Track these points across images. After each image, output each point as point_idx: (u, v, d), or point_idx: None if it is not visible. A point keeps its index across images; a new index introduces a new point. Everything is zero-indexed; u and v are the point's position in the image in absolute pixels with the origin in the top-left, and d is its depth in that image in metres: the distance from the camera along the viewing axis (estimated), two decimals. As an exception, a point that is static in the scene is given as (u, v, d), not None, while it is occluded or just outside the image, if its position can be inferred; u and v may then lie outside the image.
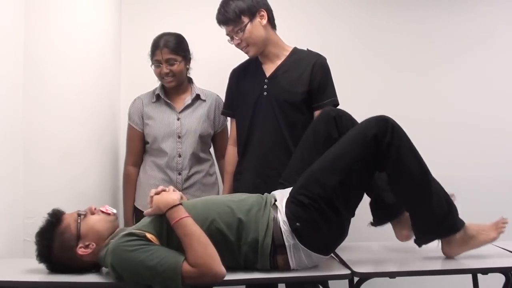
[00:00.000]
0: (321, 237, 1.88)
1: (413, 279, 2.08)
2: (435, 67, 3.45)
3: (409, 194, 1.98)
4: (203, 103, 2.85)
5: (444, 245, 2.07)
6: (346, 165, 1.91)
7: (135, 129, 2.84)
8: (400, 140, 1.91)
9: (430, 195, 1.94)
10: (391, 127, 1.90)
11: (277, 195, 2.01)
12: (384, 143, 1.87)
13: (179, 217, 1.77)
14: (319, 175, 1.93)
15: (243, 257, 1.85)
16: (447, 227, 2.01)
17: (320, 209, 1.86)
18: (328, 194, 1.87)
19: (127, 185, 2.89)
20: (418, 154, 1.96)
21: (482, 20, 3.47)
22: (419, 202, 1.97)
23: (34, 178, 2.08)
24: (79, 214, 1.85)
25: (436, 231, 2.02)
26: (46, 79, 2.19)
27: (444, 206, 1.98)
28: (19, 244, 2.01)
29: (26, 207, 2.04)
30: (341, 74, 2.71)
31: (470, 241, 2.04)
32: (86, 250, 1.82)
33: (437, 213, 1.97)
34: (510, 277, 2.12)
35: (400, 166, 1.92)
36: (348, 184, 1.90)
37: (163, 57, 2.71)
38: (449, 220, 1.99)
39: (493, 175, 3.27)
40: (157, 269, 1.67)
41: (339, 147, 1.98)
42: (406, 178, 1.94)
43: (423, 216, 2.00)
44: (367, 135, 1.90)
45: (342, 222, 1.94)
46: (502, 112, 3.46)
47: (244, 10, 2.50)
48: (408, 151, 1.93)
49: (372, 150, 1.89)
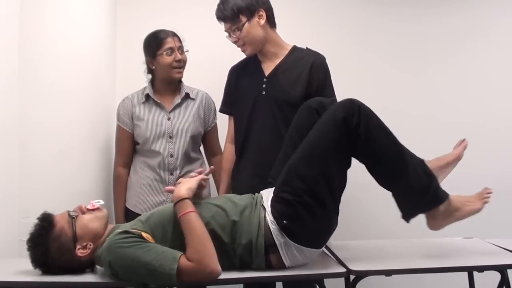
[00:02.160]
0: (309, 231, 1.88)
1: (409, 276, 2.08)
2: (432, 65, 3.45)
3: (385, 172, 1.96)
4: (193, 102, 2.82)
5: (429, 219, 2.04)
6: (322, 154, 1.90)
7: (125, 130, 2.81)
8: (368, 119, 1.89)
9: (406, 170, 1.92)
10: (357, 108, 1.88)
11: (264, 194, 2.01)
12: (353, 125, 1.86)
13: (184, 211, 1.79)
14: (297, 169, 1.92)
15: (238, 258, 1.85)
16: (429, 200, 1.97)
17: (304, 203, 1.86)
18: (310, 186, 1.87)
19: (117, 186, 2.86)
20: (388, 131, 1.94)
21: (479, 18, 3.48)
22: (396, 178, 1.95)
23: (29, 177, 2.07)
24: (70, 216, 1.83)
25: (419, 205, 1.99)
26: (41, 78, 2.18)
27: (423, 179, 1.95)
28: (15, 244, 2.00)
29: (22, 206, 2.03)
30: (340, 73, 2.71)
31: (455, 213, 2.01)
32: (85, 251, 1.82)
33: (417, 187, 1.94)
34: (506, 274, 2.13)
35: (371, 145, 1.90)
36: (327, 172, 1.88)
37: (176, 44, 2.70)
38: (431, 192, 1.96)
39: (490, 173, 3.27)
40: (153, 265, 1.66)
41: (312, 138, 1.96)
42: (379, 157, 1.93)
43: (403, 192, 1.97)
44: (336, 120, 1.88)
45: (329, 212, 1.92)
46: (500, 110, 3.46)
47: (243, 9, 2.48)
48: (377, 129, 1.91)
49: (344, 133, 1.88)
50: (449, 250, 2.21)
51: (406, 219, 2.01)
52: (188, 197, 1.83)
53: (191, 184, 1.90)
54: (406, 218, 2.01)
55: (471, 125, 3.42)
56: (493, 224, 3.10)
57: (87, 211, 1.88)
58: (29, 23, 2.08)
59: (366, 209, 2.24)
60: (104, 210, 1.92)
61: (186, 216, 1.78)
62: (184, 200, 1.82)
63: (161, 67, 2.73)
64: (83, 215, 1.86)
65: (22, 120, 2.03)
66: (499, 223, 3.16)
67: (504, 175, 3.33)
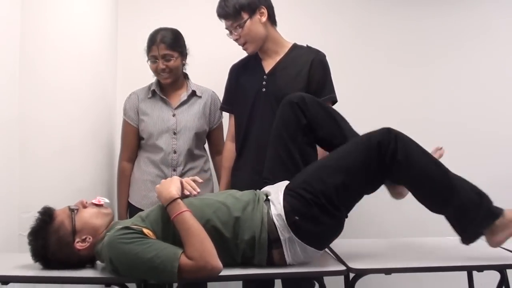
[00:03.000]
0: (318, 232, 1.89)
1: (408, 275, 2.09)
2: (434, 64, 3.46)
3: (433, 196, 1.97)
4: (199, 99, 2.84)
5: (488, 237, 2.00)
6: (349, 167, 1.92)
7: (130, 124, 2.83)
8: (406, 145, 1.91)
9: (455, 191, 1.92)
10: (394, 136, 1.91)
11: (270, 190, 2.00)
12: (389, 150, 1.88)
13: (177, 212, 1.77)
14: (322, 173, 1.94)
15: (240, 254, 1.84)
16: (484, 217, 1.95)
17: (320, 205, 1.87)
18: (330, 192, 1.88)
19: (121, 180, 2.88)
20: (429, 155, 1.96)
21: (482, 16, 3.48)
22: (447, 201, 1.94)
23: (30, 173, 2.08)
24: (71, 209, 1.84)
25: (475, 225, 1.96)
26: (42, 75, 2.18)
27: (473, 198, 1.94)
28: (15, 238, 2.00)
29: (22, 201, 2.03)
30: (340, 71, 2.71)
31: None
32: (84, 244, 1.81)
33: (469, 207, 1.93)
34: (505, 274, 2.13)
35: (414, 170, 1.91)
36: (349, 186, 1.91)
37: (160, 52, 2.70)
38: (483, 209, 1.95)
39: (489, 173, 3.28)
40: (154, 261, 1.66)
41: (344, 151, 1.99)
42: (425, 181, 1.93)
43: (456, 214, 1.96)
44: (371, 142, 1.91)
45: (340, 218, 1.95)
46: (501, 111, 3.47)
47: (244, 6, 2.49)
48: (417, 153, 1.93)
49: (376, 157, 1.89)
50: (449, 249, 2.20)
51: (465, 242, 2.00)
52: (179, 197, 1.82)
53: (176, 183, 1.89)
54: (465, 241, 2.00)
55: (472, 124, 3.43)
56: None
57: (90, 205, 1.88)
58: (31, 21, 2.08)
59: (367, 208, 2.23)
60: (109, 209, 1.92)
61: (181, 216, 1.77)
62: (176, 200, 1.81)
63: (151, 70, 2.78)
64: (84, 209, 1.86)
65: (23, 117, 2.03)
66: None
67: (503, 174, 3.33)
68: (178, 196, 1.82)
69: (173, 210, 1.79)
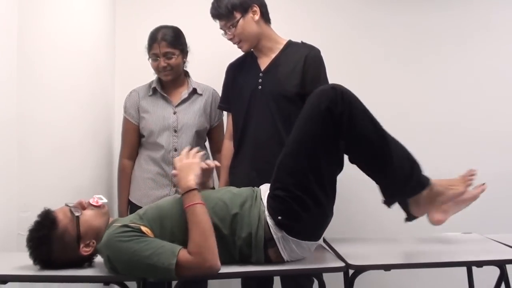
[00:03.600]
0: (305, 224, 1.87)
1: (408, 271, 2.09)
2: (433, 61, 3.44)
3: (369, 159, 1.94)
4: (200, 97, 2.84)
5: (412, 205, 2.00)
6: (308, 147, 1.87)
7: (131, 122, 2.83)
8: (351, 106, 1.85)
9: (389, 155, 1.89)
10: (340, 94, 1.84)
11: (262, 189, 2.00)
12: (337, 114, 1.83)
13: (191, 203, 1.78)
14: (285, 164, 1.91)
15: (238, 251, 1.84)
16: (412, 186, 1.95)
17: (296, 197, 1.84)
18: (299, 180, 1.85)
19: (122, 178, 2.88)
20: (372, 117, 1.90)
21: (482, 13, 3.47)
22: (380, 165, 1.92)
23: (28, 172, 2.07)
24: (72, 212, 1.81)
25: (402, 192, 1.97)
26: (40, 73, 2.18)
27: (405, 165, 1.92)
28: (13, 238, 1.99)
29: (21, 201, 2.02)
30: (337, 67, 2.70)
31: (439, 197, 1.98)
32: (88, 249, 1.81)
33: (400, 174, 1.92)
34: (505, 270, 2.13)
35: (354, 132, 1.87)
36: (315, 164, 1.86)
37: (161, 50, 2.70)
38: (413, 179, 1.94)
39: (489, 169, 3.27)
40: (151, 259, 1.66)
41: (297, 130, 1.93)
42: (363, 144, 1.90)
43: (386, 179, 1.95)
44: (320, 110, 1.84)
45: (322, 203, 1.90)
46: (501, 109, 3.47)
47: (236, 5, 2.50)
48: (360, 116, 1.87)
49: (330, 123, 1.84)
50: (448, 245, 2.21)
51: (387, 204, 1.99)
52: (196, 188, 1.83)
53: (195, 171, 1.89)
54: (387, 204, 1.99)
55: (472, 122, 3.42)
56: (492, 219, 3.11)
57: (89, 206, 1.86)
58: (28, 20, 2.07)
59: (365, 204, 2.24)
60: (106, 207, 1.91)
61: (193, 207, 1.77)
62: (193, 191, 1.81)
63: (152, 68, 2.78)
64: (84, 212, 1.84)
65: (21, 116, 2.02)
66: (498, 219, 3.16)
67: (503, 170, 3.33)
68: (196, 187, 1.82)
69: (187, 200, 1.79)
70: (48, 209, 1.81)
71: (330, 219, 1.97)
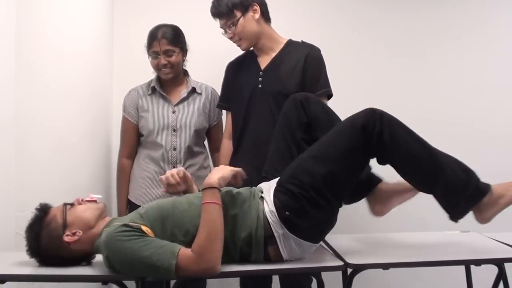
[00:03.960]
0: (310, 226, 1.88)
1: (406, 270, 2.08)
2: (431, 59, 3.46)
3: (420, 176, 1.95)
4: (199, 96, 2.84)
5: (476, 213, 2.00)
6: (335, 155, 1.89)
7: (129, 121, 2.83)
8: (391, 126, 1.88)
9: (441, 169, 1.90)
10: (379, 116, 1.87)
11: (263, 186, 2.00)
12: (374, 134, 1.85)
13: (208, 200, 1.78)
14: (308, 164, 1.91)
15: (238, 252, 1.84)
16: (472, 195, 1.95)
17: (310, 198, 1.85)
18: (318, 182, 1.86)
19: (121, 177, 2.87)
20: (415, 134, 1.92)
21: (478, 12, 3.48)
22: (434, 180, 1.93)
23: (26, 171, 2.07)
24: (65, 204, 1.85)
25: (463, 203, 1.96)
26: (38, 72, 2.18)
27: (461, 176, 1.93)
28: (11, 237, 1.99)
29: (18, 200, 2.02)
30: (337, 66, 2.71)
31: (500, 200, 1.98)
32: (73, 238, 1.80)
33: (456, 184, 1.93)
34: (503, 268, 2.13)
35: (400, 151, 1.89)
36: (337, 174, 1.88)
37: (161, 48, 2.70)
38: (471, 187, 1.94)
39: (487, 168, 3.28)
40: (151, 259, 1.66)
41: (328, 138, 1.95)
42: (411, 161, 1.91)
43: (444, 192, 1.95)
44: (355, 126, 1.88)
45: (332, 209, 1.93)
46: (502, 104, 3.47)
47: (237, 4, 2.51)
48: (402, 133, 1.90)
49: (361, 141, 1.87)
50: (447, 244, 2.20)
51: (454, 219, 1.99)
52: (218, 187, 1.82)
53: (225, 173, 1.90)
54: (453, 219, 1.99)
55: (472, 121, 3.43)
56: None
57: (83, 202, 1.89)
58: (26, 19, 2.06)
59: (364, 203, 2.24)
60: (101, 204, 1.91)
61: (209, 206, 1.77)
62: (213, 189, 1.81)
63: (152, 67, 2.78)
64: (78, 205, 1.87)
65: (19, 115, 2.02)
66: (496, 217, 3.16)
67: (501, 169, 3.32)
68: (218, 186, 1.82)
69: (205, 197, 1.79)
70: (46, 203, 1.86)
71: (334, 224, 1.98)
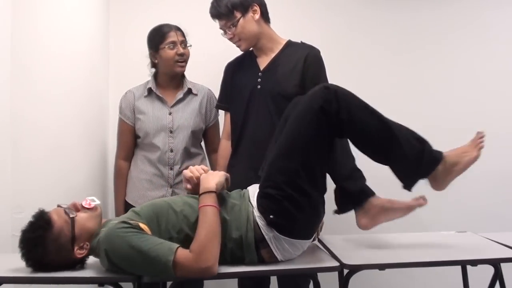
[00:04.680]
0: (297, 223, 1.87)
1: (402, 271, 2.09)
2: (429, 58, 3.45)
3: (376, 148, 1.95)
4: (195, 97, 2.84)
5: (431, 182, 2.01)
6: (302, 146, 1.88)
7: (126, 123, 2.82)
8: (347, 103, 1.87)
9: (396, 141, 1.91)
10: (334, 93, 1.86)
11: (250, 190, 2.00)
12: (333, 113, 1.84)
13: (206, 203, 1.80)
14: (277, 163, 1.91)
15: (229, 254, 1.84)
16: (426, 165, 1.96)
17: (288, 196, 1.85)
18: (291, 178, 1.85)
19: (118, 179, 2.87)
20: (369, 107, 1.92)
21: (475, 11, 3.48)
22: (389, 151, 1.93)
23: (22, 173, 2.06)
24: (67, 213, 1.80)
25: (418, 172, 1.97)
26: (34, 75, 2.17)
27: (415, 145, 1.93)
28: (7, 239, 1.99)
29: (15, 202, 2.02)
30: (336, 67, 2.71)
31: (455, 168, 1.98)
32: (82, 252, 1.80)
33: (411, 154, 1.93)
34: (499, 268, 2.13)
35: (356, 126, 1.89)
36: (309, 164, 1.87)
37: (179, 38, 2.71)
38: (426, 156, 1.95)
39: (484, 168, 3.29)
40: (149, 255, 1.66)
41: (290, 129, 1.94)
42: (367, 135, 1.92)
43: (399, 163, 1.96)
44: (314, 109, 1.86)
45: (314, 201, 1.91)
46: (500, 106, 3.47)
47: (237, 5, 2.50)
48: (358, 109, 1.89)
49: (323, 123, 1.86)
50: (443, 244, 2.21)
51: (407, 188, 1.99)
52: (215, 191, 1.84)
53: (220, 179, 1.91)
54: (407, 188, 1.99)
55: (470, 120, 3.42)
56: (486, 218, 3.12)
57: (82, 209, 1.85)
58: (22, 21, 2.06)
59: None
60: (99, 209, 1.90)
61: (206, 208, 1.79)
62: (211, 193, 1.83)
63: (164, 61, 2.74)
64: (78, 214, 1.82)
65: (15, 116, 2.02)
66: (492, 217, 3.17)
67: (497, 169, 3.34)
68: (215, 190, 1.84)
69: (203, 200, 1.81)
70: (43, 210, 1.80)
71: (323, 216, 1.98)
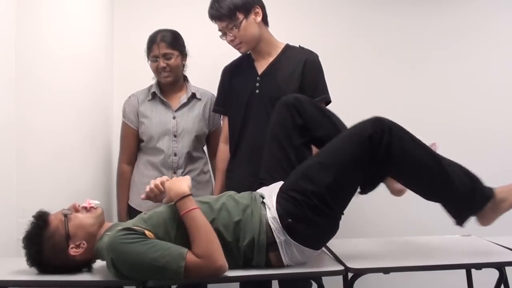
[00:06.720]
0: (312, 233, 1.88)
1: (407, 274, 2.08)
2: (428, 64, 3.46)
3: (429, 185, 1.96)
4: (199, 102, 2.85)
5: (478, 217, 2.02)
6: (340, 164, 1.89)
7: (130, 127, 2.83)
8: (400, 137, 1.88)
9: (448, 178, 1.91)
10: (387, 127, 1.87)
11: (264, 191, 1.99)
12: (382, 145, 1.85)
13: (188, 209, 1.77)
14: (312, 172, 1.91)
15: (242, 257, 1.84)
16: (477, 201, 1.97)
17: (312, 205, 1.85)
18: (321, 191, 1.86)
19: (121, 183, 2.87)
20: (422, 143, 1.93)
21: (475, 15, 3.48)
22: (442, 189, 1.95)
23: (27, 177, 2.07)
24: (64, 214, 1.81)
25: (469, 209, 1.98)
26: (39, 78, 2.18)
27: (466, 183, 1.94)
28: (13, 243, 1.99)
29: (20, 206, 2.02)
30: (334, 71, 2.71)
31: (503, 204, 1.99)
32: (78, 250, 1.79)
33: (463, 192, 1.94)
34: (504, 272, 2.13)
35: (410, 163, 1.90)
36: (340, 183, 1.88)
37: (160, 51, 2.71)
38: (477, 193, 1.96)
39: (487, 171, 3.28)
40: (159, 262, 1.65)
41: (334, 146, 1.96)
42: (420, 172, 1.93)
43: (451, 200, 1.97)
44: (362, 136, 1.87)
45: (335, 217, 1.93)
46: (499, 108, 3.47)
47: (239, 6, 2.48)
48: (411, 144, 1.91)
49: (367, 151, 1.86)
50: (447, 248, 2.20)
51: (460, 224, 2.00)
52: (190, 194, 1.82)
53: (188, 181, 1.89)
54: (460, 224, 2.00)
55: (470, 122, 3.43)
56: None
57: (81, 210, 1.86)
58: (26, 24, 2.07)
59: (365, 207, 2.25)
60: (99, 209, 1.89)
61: (191, 213, 1.77)
62: (188, 197, 1.80)
63: (152, 71, 2.78)
64: (76, 214, 1.83)
65: (20, 121, 2.02)
66: (497, 221, 3.15)
67: (501, 170, 3.32)
68: (190, 193, 1.82)
69: (184, 206, 1.78)
70: (43, 210, 1.83)
71: (336, 232, 1.98)
